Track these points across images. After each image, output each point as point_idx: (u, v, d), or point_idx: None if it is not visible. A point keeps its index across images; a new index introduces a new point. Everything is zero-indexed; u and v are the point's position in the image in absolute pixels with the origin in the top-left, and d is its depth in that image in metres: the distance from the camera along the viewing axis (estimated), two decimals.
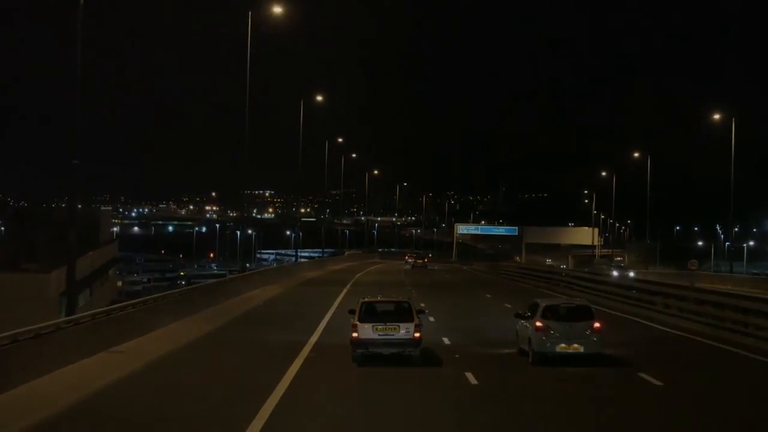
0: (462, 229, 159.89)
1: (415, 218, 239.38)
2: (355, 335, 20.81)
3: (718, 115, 68.40)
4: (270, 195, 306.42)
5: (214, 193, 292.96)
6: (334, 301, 40.57)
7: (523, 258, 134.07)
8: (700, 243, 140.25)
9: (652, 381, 19.00)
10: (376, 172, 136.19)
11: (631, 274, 71.11)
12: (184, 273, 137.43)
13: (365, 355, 20.89)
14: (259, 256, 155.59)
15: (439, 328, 28.74)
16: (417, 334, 20.81)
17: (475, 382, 18.75)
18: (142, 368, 20.08)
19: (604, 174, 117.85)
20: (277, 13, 46.73)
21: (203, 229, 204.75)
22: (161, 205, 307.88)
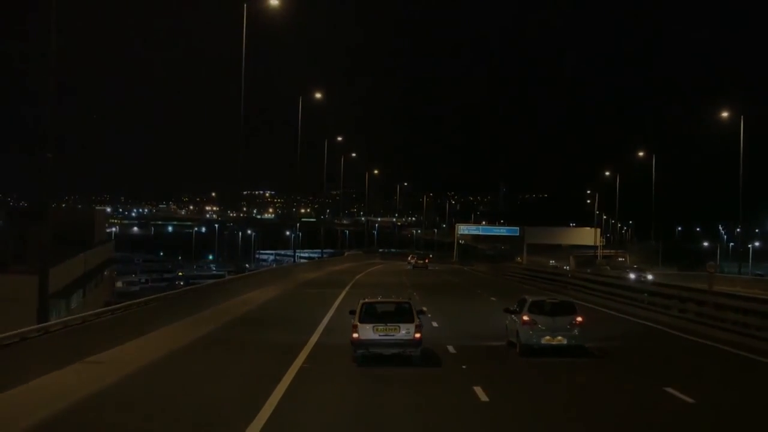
0: (463, 229, 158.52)
1: (416, 218, 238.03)
2: (356, 336, 20.82)
3: (726, 113, 67.23)
4: (270, 195, 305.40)
5: (214, 194, 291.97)
6: (333, 303, 38.87)
7: (525, 259, 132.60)
8: (706, 244, 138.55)
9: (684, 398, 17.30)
10: (376, 172, 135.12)
11: (649, 277, 66.67)
12: (182, 273, 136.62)
13: (366, 355, 20.81)
14: (258, 257, 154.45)
15: (443, 335, 26.99)
16: (417, 335, 20.80)
17: (486, 399, 16.86)
18: (117, 381, 18.28)
19: (607, 174, 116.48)
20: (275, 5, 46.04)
21: (203, 230, 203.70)
22: (161, 205, 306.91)
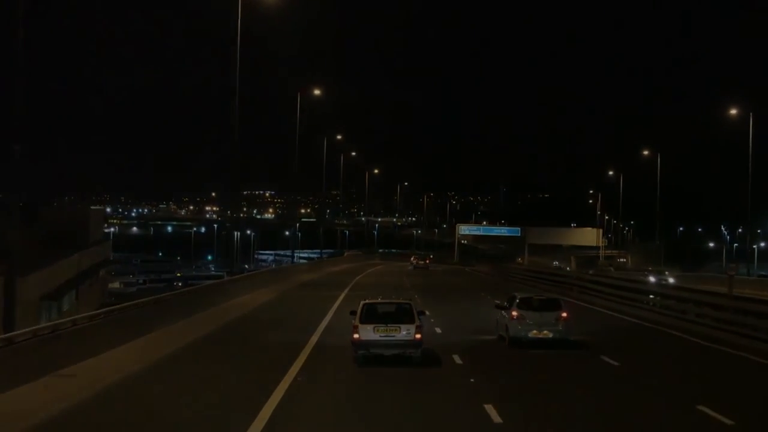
0: (464, 229, 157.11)
1: (416, 219, 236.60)
2: (356, 336, 20.85)
3: (735, 110, 65.92)
4: (270, 195, 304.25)
5: (214, 194, 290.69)
6: (331, 306, 37.34)
7: (526, 259, 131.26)
8: (712, 244, 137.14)
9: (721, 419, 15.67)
10: (376, 172, 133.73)
11: (671, 280, 61.29)
12: (180, 274, 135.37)
13: (366, 356, 20.82)
14: (258, 257, 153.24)
15: (447, 342, 25.41)
16: (418, 336, 20.85)
17: (499, 421, 15.00)
18: (90, 397, 16.64)
19: (611, 173, 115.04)
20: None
21: (202, 230, 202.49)
22: (161, 206, 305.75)
